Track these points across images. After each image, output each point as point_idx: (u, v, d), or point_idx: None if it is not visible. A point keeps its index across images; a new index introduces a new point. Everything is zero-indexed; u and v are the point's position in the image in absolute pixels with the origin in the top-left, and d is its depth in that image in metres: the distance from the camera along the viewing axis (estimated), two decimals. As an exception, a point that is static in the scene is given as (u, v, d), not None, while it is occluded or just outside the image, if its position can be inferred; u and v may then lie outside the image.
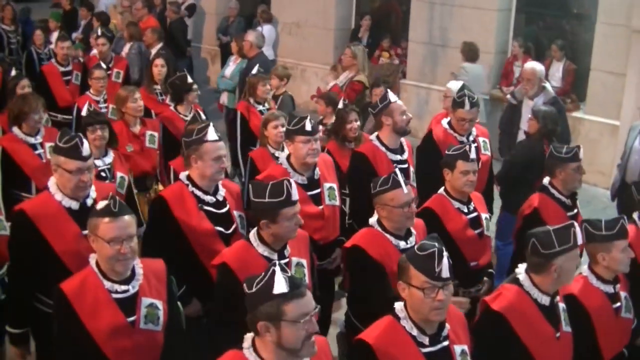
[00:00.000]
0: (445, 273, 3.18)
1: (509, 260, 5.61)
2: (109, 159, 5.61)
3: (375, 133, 5.64)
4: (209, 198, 4.42)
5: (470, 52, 9.50)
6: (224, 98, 9.65)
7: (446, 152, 4.94)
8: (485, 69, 10.00)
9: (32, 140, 5.90)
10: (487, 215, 5.05)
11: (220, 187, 4.52)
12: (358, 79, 8.49)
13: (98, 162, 5.40)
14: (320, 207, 4.95)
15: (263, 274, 2.92)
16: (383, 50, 11.84)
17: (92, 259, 3.55)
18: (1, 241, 4.51)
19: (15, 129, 5.90)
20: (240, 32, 11.40)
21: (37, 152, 5.90)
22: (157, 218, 4.47)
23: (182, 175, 4.47)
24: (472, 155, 4.74)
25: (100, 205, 3.48)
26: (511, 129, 7.24)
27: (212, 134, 4.39)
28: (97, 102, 7.44)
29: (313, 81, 11.98)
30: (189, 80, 6.92)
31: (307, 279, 4.00)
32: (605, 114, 9.44)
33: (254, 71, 7.79)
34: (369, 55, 11.40)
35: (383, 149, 5.49)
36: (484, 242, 4.95)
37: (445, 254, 3.23)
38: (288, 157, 4.97)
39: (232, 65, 9.52)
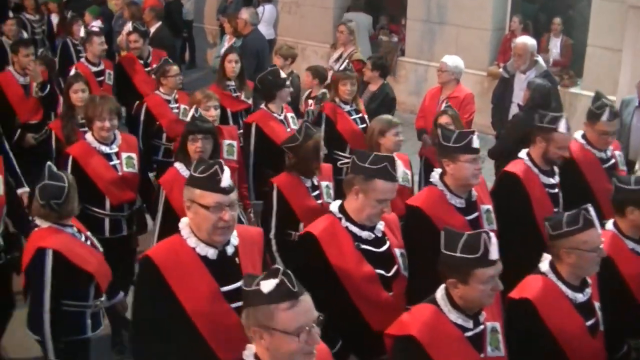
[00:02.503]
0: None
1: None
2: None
3: (526, 150, 4.93)
4: (366, 234, 3.73)
5: None
6: (221, 78, 9.66)
7: None
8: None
9: (106, 149, 5.27)
10: None
11: None
12: (356, 57, 8.47)
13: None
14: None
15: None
16: (381, 29, 11.88)
17: None
18: None
19: (89, 136, 5.29)
20: (237, 12, 11.44)
21: (112, 163, 5.28)
22: (307, 259, 3.73)
23: (334, 206, 3.80)
24: None
25: (267, 285, 2.55)
26: (503, 103, 7.28)
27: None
28: (168, 101, 6.84)
29: (313, 59, 12.00)
30: (282, 75, 6.38)
31: (502, 347, 3.34)
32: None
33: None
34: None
35: (536, 170, 4.83)
36: None
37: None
38: (442, 176, 4.33)
39: (227, 45, 9.53)
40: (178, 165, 4.99)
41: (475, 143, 4.19)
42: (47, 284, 3.97)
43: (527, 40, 7.23)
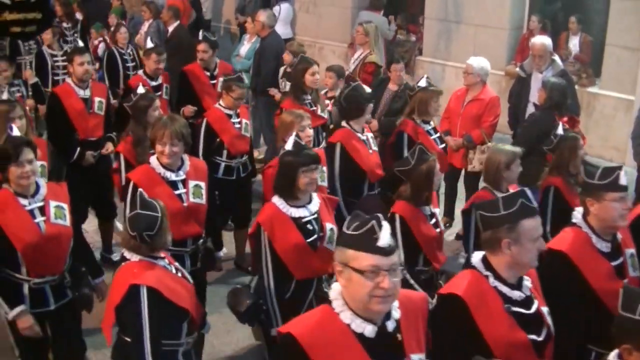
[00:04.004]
0: None
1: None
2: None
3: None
4: (517, 295, 3.24)
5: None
6: (240, 78, 9.68)
7: None
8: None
9: (171, 176, 4.81)
10: None
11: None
12: (370, 59, 8.49)
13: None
14: (625, 280, 3.81)
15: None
16: (399, 28, 11.88)
17: None
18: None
19: (153, 160, 4.84)
20: (257, 11, 11.48)
21: (177, 192, 4.82)
22: (451, 324, 3.24)
23: (477, 261, 3.32)
24: None
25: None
26: (520, 102, 7.29)
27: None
28: (230, 116, 6.46)
29: (330, 59, 12.02)
30: (367, 89, 6.01)
31: None
32: (620, 89, 9.39)
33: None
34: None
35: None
36: None
37: None
38: (585, 217, 3.87)
39: (247, 44, 9.57)
40: (277, 201, 4.44)
41: (623, 180, 3.75)
42: (146, 323, 3.63)
43: (544, 40, 7.25)
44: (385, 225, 2.66)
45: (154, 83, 7.62)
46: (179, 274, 3.97)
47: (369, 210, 5.01)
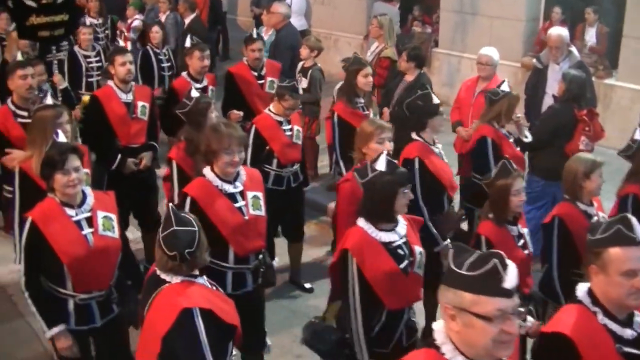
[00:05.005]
0: None
1: (535, 224, 5.54)
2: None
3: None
4: (629, 333, 2.89)
5: None
6: (257, 71, 9.65)
7: None
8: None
9: (229, 188, 4.45)
10: None
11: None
12: (384, 54, 8.38)
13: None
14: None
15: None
16: (415, 20, 11.87)
17: None
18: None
19: (208, 172, 4.47)
20: (272, 3, 11.49)
21: (237, 205, 4.45)
22: None
23: (582, 294, 2.96)
24: None
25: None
26: (536, 94, 7.27)
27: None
28: (280, 123, 6.05)
29: (345, 51, 12.01)
30: (435, 100, 5.43)
31: None
32: (637, 81, 9.35)
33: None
34: (402, 24, 11.51)
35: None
36: None
37: None
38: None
39: (264, 37, 9.55)
40: (365, 225, 4.02)
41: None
42: (207, 348, 3.32)
43: (561, 32, 7.23)
44: (510, 265, 2.36)
45: (198, 85, 6.90)
46: (214, 288, 3.69)
47: (448, 230, 4.94)
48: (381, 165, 4.08)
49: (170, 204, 3.64)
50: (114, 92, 6.15)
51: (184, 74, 7.17)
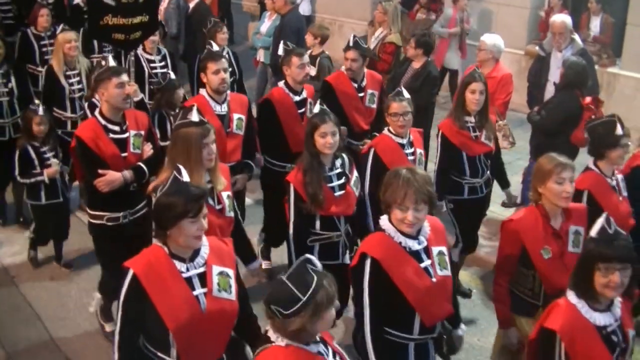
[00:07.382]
0: None
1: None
2: None
3: None
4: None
5: None
6: (261, 55, 9.58)
7: None
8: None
9: (414, 245, 3.62)
10: None
11: None
12: (389, 39, 8.39)
13: None
14: None
15: None
16: (421, 7, 11.83)
17: None
18: None
19: (386, 223, 3.72)
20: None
21: (422, 264, 3.64)
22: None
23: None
24: None
25: None
26: (539, 81, 7.27)
27: None
28: (402, 146, 5.31)
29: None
30: (618, 131, 4.73)
31: None
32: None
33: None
34: (408, 11, 11.48)
35: None
36: None
37: None
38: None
39: (268, 22, 9.49)
40: (577, 302, 3.34)
41: None
42: None
43: (564, 18, 7.23)
44: None
45: (297, 98, 6.00)
46: (338, 358, 3.06)
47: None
48: (594, 232, 3.32)
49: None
50: (207, 103, 5.42)
51: (281, 83, 6.13)
